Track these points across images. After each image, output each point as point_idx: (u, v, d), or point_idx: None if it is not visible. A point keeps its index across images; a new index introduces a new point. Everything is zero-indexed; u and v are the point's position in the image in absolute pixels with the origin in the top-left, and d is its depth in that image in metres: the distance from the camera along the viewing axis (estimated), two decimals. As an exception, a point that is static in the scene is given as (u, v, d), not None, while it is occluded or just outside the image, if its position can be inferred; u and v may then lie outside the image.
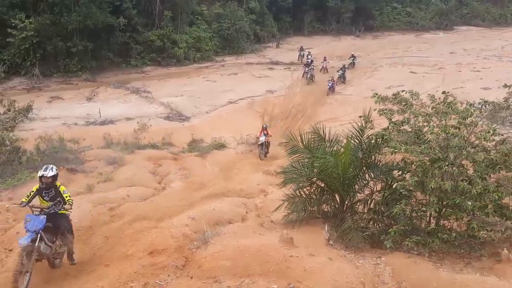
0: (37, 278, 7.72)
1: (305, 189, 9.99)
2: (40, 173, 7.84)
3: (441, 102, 9.39)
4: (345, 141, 9.45)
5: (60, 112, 24.59)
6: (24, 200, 7.79)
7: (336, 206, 9.93)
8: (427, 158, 8.47)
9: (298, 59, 39.88)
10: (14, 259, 7.64)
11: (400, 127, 9.28)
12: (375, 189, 9.68)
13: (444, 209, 8.57)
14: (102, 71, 33.66)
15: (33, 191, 7.89)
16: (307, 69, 33.10)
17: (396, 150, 8.62)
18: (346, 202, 9.82)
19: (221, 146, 19.78)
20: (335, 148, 9.84)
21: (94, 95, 28.89)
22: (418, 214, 8.82)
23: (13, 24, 30.15)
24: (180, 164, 17.54)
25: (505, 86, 9.32)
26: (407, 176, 8.90)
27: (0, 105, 22.42)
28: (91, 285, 7.50)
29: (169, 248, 8.59)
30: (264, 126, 20.12)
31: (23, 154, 15.29)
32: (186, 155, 18.77)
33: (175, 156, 18.51)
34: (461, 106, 9.25)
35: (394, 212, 8.43)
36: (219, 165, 17.36)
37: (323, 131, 10.10)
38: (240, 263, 7.85)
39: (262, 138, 19.21)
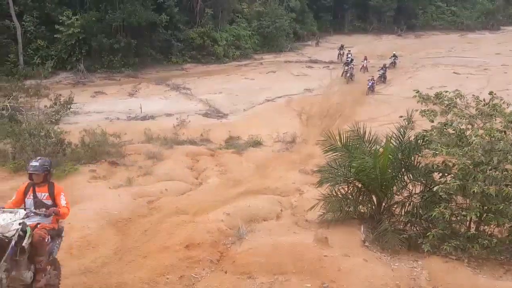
0: (74, 268, 8.01)
1: (341, 189, 9.92)
2: None
3: (486, 104, 9.12)
4: (384, 141, 9.33)
5: (103, 106, 25.26)
6: None
7: (373, 207, 9.82)
8: (470, 162, 8.25)
9: (338, 58, 39.42)
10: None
11: (442, 129, 9.07)
12: (413, 191, 9.51)
13: (485, 214, 8.33)
14: (144, 68, 34.34)
15: None
16: (346, 68, 32.67)
17: (437, 152, 8.44)
18: (384, 204, 9.70)
19: (257, 143, 19.81)
20: (374, 149, 9.73)
21: (136, 91, 29.50)
22: (458, 218, 8.60)
23: (60, 21, 31.24)
24: (217, 160, 17.70)
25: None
26: (448, 179, 8.69)
27: (47, 99, 23.36)
28: (130, 275, 7.73)
29: (205, 242, 8.75)
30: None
31: (67, 146, 15.79)
32: (223, 152, 18.92)
33: (212, 152, 18.70)
34: (507, 108, 8.96)
35: (433, 215, 8.28)
36: (255, 163, 17.40)
37: (363, 130, 10.00)
38: (274, 261, 7.90)
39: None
